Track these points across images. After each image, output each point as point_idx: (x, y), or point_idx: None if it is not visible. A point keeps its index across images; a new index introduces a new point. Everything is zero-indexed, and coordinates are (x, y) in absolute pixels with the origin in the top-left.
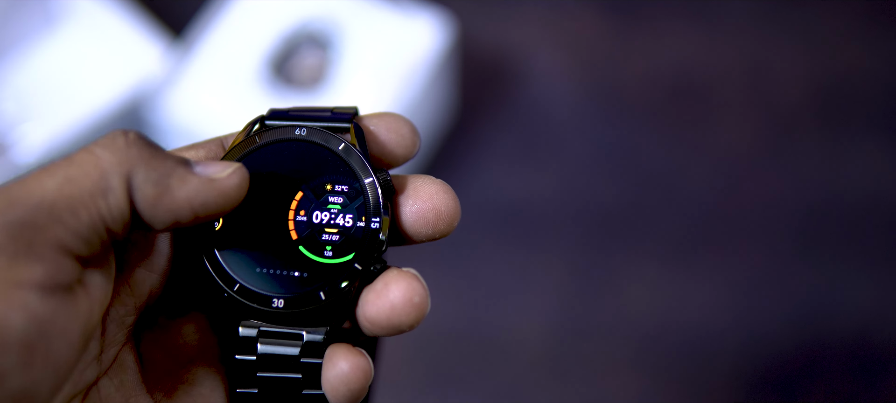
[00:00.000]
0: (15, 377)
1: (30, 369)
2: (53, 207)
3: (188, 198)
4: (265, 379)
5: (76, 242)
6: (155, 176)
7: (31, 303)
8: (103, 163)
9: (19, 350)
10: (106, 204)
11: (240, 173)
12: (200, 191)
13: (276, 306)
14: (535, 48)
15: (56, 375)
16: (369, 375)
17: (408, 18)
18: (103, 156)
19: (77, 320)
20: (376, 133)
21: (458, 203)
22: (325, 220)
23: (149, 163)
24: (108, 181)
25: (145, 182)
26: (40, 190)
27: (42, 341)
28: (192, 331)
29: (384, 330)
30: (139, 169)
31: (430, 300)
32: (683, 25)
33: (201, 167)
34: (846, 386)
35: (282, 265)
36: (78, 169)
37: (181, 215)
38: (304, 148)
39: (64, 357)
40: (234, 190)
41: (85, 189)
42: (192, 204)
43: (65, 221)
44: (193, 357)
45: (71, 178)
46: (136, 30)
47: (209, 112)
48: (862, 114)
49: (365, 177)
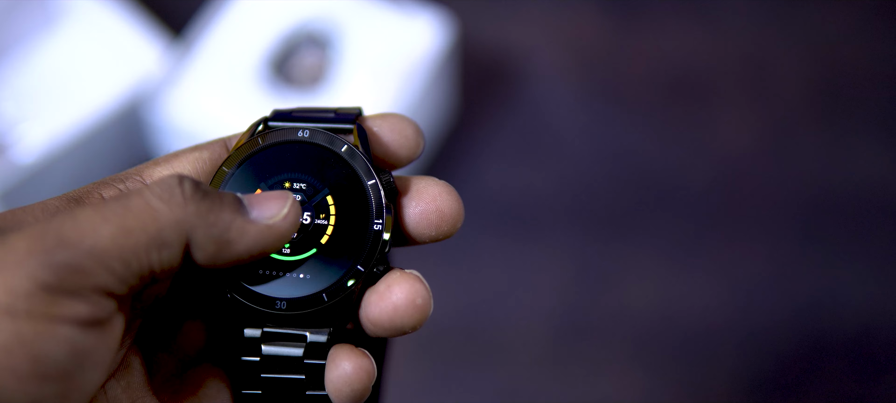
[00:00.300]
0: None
1: (66, 399)
2: (105, 256)
3: (248, 248)
4: (269, 380)
5: (120, 286)
6: (215, 233)
7: (72, 337)
8: (161, 220)
9: (59, 382)
10: (158, 258)
11: (294, 211)
12: (259, 240)
13: (279, 308)
14: (535, 47)
15: (83, 398)
16: (372, 375)
17: (408, 18)
18: (161, 210)
19: (111, 349)
20: (380, 134)
21: (462, 204)
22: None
23: (206, 219)
24: (165, 237)
25: (206, 240)
26: (93, 235)
27: (79, 372)
28: (197, 333)
29: (387, 332)
30: (198, 229)
31: (433, 301)
32: (683, 23)
33: (257, 211)
34: (848, 385)
35: (284, 266)
36: (135, 220)
37: (240, 261)
38: (306, 150)
39: (96, 383)
40: (291, 229)
41: (141, 243)
42: (251, 253)
43: (114, 271)
44: (198, 358)
45: (127, 230)
46: (136, 29)
47: (209, 112)
48: (863, 110)
49: (367, 178)
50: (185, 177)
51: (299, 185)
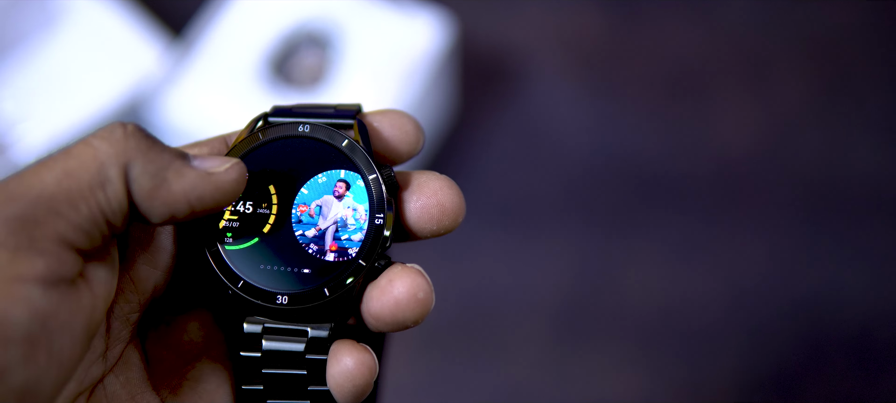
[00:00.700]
0: (18, 372)
1: (33, 364)
2: (52, 201)
3: (184, 191)
4: (270, 376)
5: (77, 235)
6: (152, 168)
7: (33, 297)
8: (101, 155)
9: (22, 344)
10: (105, 196)
11: (237, 168)
12: (197, 185)
13: (280, 302)
14: (535, 46)
15: (59, 370)
16: (374, 371)
17: (408, 18)
18: (101, 147)
19: (80, 314)
20: (380, 129)
21: (463, 198)
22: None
23: (147, 155)
24: (107, 173)
25: (142, 174)
26: (39, 184)
27: (44, 335)
28: (196, 328)
29: (388, 326)
30: (137, 161)
31: (434, 295)
32: (682, 21)
33: (199, 161)
34: (848, 384)
35: (286, 261)
36: (76, 161)
37: (177, 209)
38: (307, 144)
39: (67, 352)
40: (231, 184)
41: (83, 181)
42: (188, 198)
43: (64, 214)
44: (198, 353)
45: (69, 171)
46: (136, 29)
47: (209, 112)
48: (864, 106)
49: (368, 173)
50: (130, 122)
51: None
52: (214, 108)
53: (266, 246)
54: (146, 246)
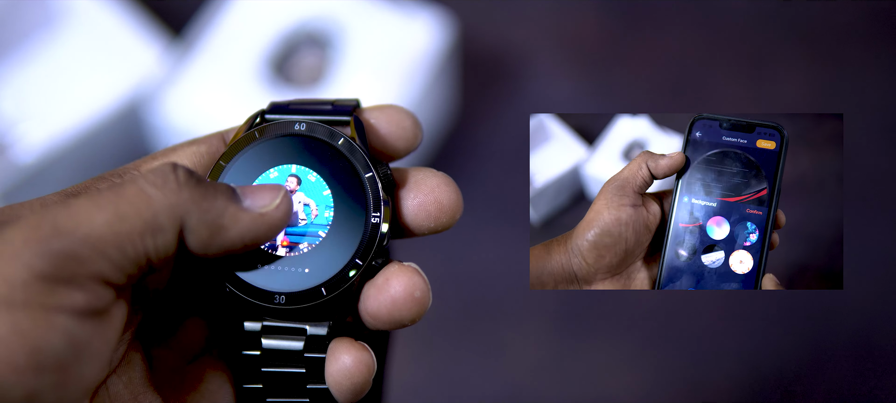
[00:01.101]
0: (48, 397)
1: (63, 390)
2: (100, 243)
3: (241, 236)
4: (270, 374)
5: (118, 275)
6: (208, 218)
7: (70, 328)
8: (155, 205)
9: (55, 371)
10: (154, 244)
11: (286, 202)
12: (252, 228)
13: (278, 302)
14: (535, 46)
15: (85, 394)
16: (372, 369)
17: (408, 17)
18: (155, 196)
19: (110, 341)
20: (377, 126)
21: (460, 195)
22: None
23: (201, 205)
24: (160, 222)
25: (199, 225)
26: (88, 223)
27: (76, 363)
28: (198, 328)
29: (386, 325)
30: (192, 213)
31: (432, 294)
32: (683, 22)
33: (250, 200)
34: (848, 385)
35: (284, 261)
36: (129, 206)
37: (233, 249)
38: (303, 143)
39: (94, 377)
40: (283, 220)
41: (135, 229)
42: (244, 240)
43: (111, 258)
44: (200, 353)
45: (122, 216)
46: (136, 29)
47: (209, 112)
48: (864, 105)
49: (364, 171)
50: (179, 164)
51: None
52: (214, 108)
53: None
54: None
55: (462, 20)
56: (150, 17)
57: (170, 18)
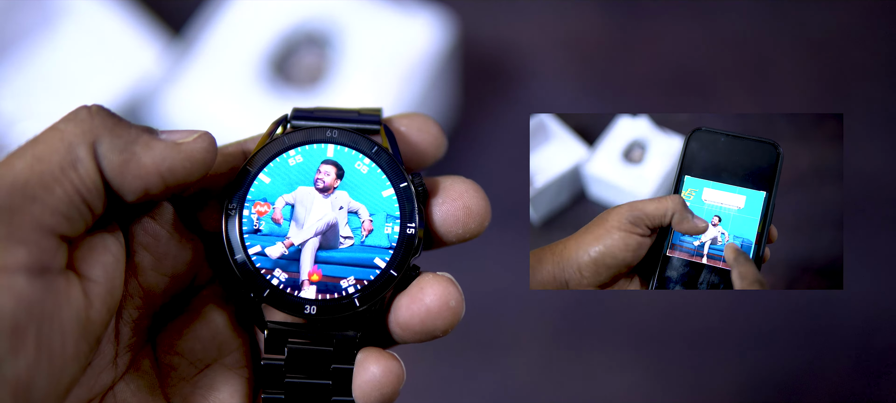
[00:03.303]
0: (7, 363)
1: (22, 355)
2: (26, 187)
3: (155, 163)
4: (293, 384)
5: (56, 219)
6: (120, 143)
7: (18, 286)
8: (68, 136)
9: (9, 335)
10: (78, 176)
11: (206, 137)
12: (166, 156)
13: (308, 312)
14: (535, 46)
15: (52, 365)
16: (401, 379)
17: (408, 17)
18: (67, 129)
19: (68, 305)
20: (407, 134)
21: (488, 202)
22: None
23: (113, 131)
24: (76, 152)
25: (111, 149)
26: (11, 173)
27: (32, 325)
28: (210, 335)
29: (417, 336)
30: (104, 137)
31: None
32: (682, 21)
33: (166, 134)
34: (848, 385)
35: None
36: (44, 146)
37: (150, 182)
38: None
39: (58, 345)
40: (202, 154)
41: (54, 163)
42: (159, 170)
43: (40, 199)
44: (212, 361)
45: (39, 156)
46: (135, 28)
47: (208, 111)
48: (864, 106)
49: (400, 181)
50: (93, 104)
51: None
52: (214, 107)
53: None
54: (153, 251)
55: (462, 20)
56: (150, 17)
57: (169, 17)
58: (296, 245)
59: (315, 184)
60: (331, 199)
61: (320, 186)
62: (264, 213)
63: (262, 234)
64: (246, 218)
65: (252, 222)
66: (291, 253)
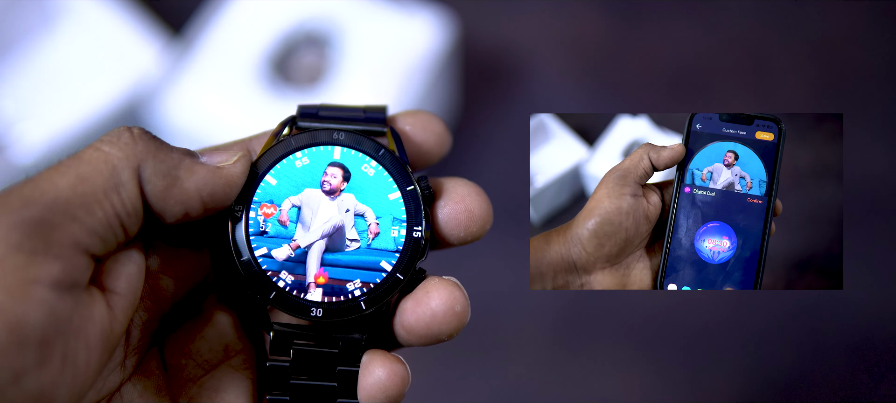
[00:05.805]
0: (33, 376)
1: (48, 368)
2: (68, 205)
3: (197, 188)
4: (299, 386)
5: (91, 239)
6: (163, 167)
7: (49, 300)
8: (113, 160)
9: (37, 348)
10: (119, 200)
11: (244, 161)
12: (209, 181)
13: (314, 315)
14: (535, 46)
15: (75, 378)
16: (407, 382)
17: (408, 17)
18: (112, 152)
19: (95, 321)
20: (412, 134)
21: (490, 204)
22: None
23: (156, 155)
24: (119, 176)
25: (155, 174)
26: (53, 189)
27: (60, 339)
28: (216, 337)
29: (422, 340)
30: (148, 162)
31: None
32: (683, 21)
33: (207, 158)
34: (848, 385)
35: None
36: (88, 166)
37: (191, 206)
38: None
39: (83, 359)
40: (240, 178)
41: (98, 186)
42: (201, 195)
43: (80, 219)
44: (218, 363)
45: (83, 176)
46: (135, 28)
47: (208, 111)
48: (865, 106)
49: (406, 184)
50: (135, 126)
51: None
52: (214, 107)
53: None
54: (162, 255)
55: (462, 20)
56: (149, 16)
57: (169, 17)
58: (302, 247)
59: (322, 186)
60: (337, 202)
61: (327, 189)
62: (271, 215)
63: (269, 236)
64: (252, 220)
65: (258, 224)
66: (298, 256)
